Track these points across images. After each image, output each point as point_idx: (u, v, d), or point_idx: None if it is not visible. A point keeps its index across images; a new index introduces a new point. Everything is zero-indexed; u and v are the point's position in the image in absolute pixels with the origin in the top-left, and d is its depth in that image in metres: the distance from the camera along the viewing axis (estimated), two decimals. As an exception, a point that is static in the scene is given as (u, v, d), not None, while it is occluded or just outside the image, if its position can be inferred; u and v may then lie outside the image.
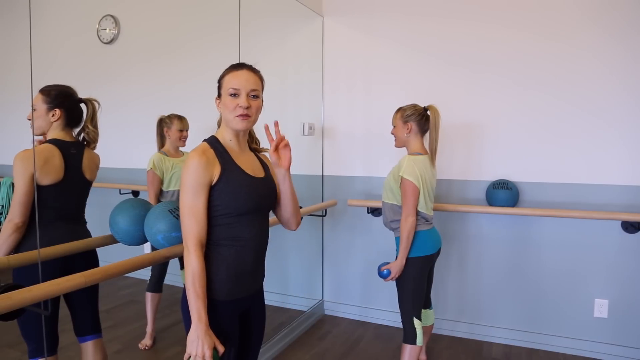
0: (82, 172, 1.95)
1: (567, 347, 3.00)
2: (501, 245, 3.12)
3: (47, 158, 1.81)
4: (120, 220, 1.89)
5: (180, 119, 2.88)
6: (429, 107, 2.37)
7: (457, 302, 3.28)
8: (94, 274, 1.52)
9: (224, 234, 1.49)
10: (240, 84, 1.49)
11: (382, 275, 2.35)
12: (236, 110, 1.48)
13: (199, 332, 1.35)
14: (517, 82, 2.99)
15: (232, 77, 1.50)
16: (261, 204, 1.57)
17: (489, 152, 3.10)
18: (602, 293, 2.90)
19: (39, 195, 1.81)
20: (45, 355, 1.83)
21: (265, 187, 1.59)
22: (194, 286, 1.38)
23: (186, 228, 1.42)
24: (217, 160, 1.47)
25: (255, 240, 1.55)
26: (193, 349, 1.36)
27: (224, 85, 1.52)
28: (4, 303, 1.24)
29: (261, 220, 1.59)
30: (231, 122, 1.50)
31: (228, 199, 1.47)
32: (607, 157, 2.82)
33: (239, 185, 1.48)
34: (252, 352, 1.74)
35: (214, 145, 1.51)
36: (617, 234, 2.83)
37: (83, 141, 1.99)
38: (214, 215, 1.48)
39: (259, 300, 1.70)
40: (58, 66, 3.36)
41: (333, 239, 3.66)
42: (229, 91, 1.49)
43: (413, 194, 2.26)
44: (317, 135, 3.59)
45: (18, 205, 1.73)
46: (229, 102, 1.49)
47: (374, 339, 3.25)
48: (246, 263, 1.53)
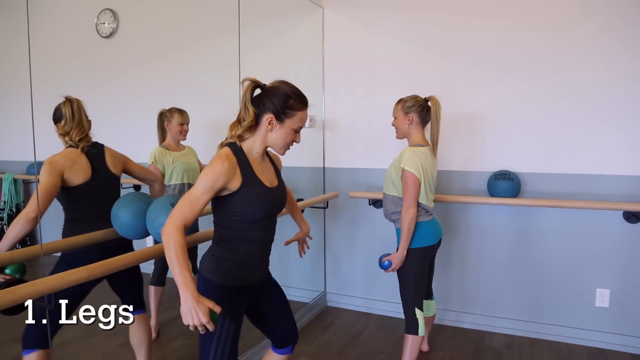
0: (108, 168, 2.07)
1: (568, 337, 3.01)
2: (503, 236, 3.12)
3: (74, 159, 1.94)
4: (122, 214, 1.91)
5: (181, 113, 2.88)
6: (429, 98, 2.36)
7: (458, 293, 3.29)
8: (96, 267, 1.53)
9: (235, 235, 1.59)
10: (304, 123, 1.61)
11: (383, 266, 2.36)
12: (290, 144, 1.62)
13: (189, 302, 1.33)
14: (518, 72, 2.97)
15: (304, 116, 1.59)
16: (273, 212, 1.67)
17: (491, 142, 3.09)
18: (603, 283, 2.91)
19: (71, 196, 1.94)
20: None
21: (277, 196, 1.68)
22: (178, 258, 1.37)
23: (179, 210, 1.44)
24: (238, 170, 1.52)
25: (264, 239, 1.66)
26: (189, 320, 1.34)
27: (293, 117, 1.56)
28: (7, 298, 1.25)
29: (271, 223, 1.69)
30: (278, 148, 1.61)
31: (245, 209, 1.54)
32: (609, 147, 2.81)
33: (257, 197, 1.55)
34: (287, 322, 1.89)
35: (237, 154, 1.55)
36: (619, 224, 2.83)
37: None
38: (229, 218, 1.57)
39: (270, 282, 1.84)
40: (57, 61, 3.36)
41: (335, 230, 3.66)
42: (297, 127, 1.58)
43: (414, 186, 2.26)
44: (318, 127, 3.58)
45: (37, 200, 1.78)
46: (290, 135, 1.58)
47: (377, 329, 3.27)
48: (254, 257, 1.64)
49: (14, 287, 1.29)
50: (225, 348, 1.60)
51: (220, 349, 1.59)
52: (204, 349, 1.60)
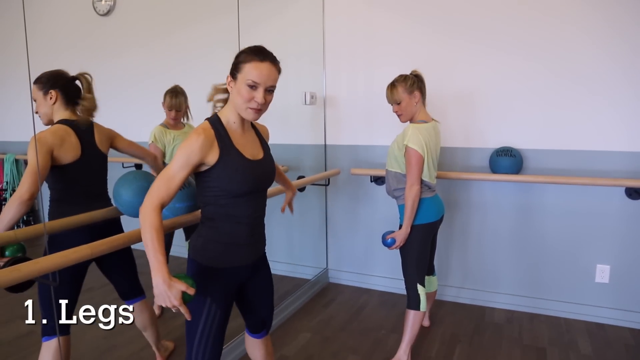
0: (97, 147, 1.97)
1: (568, 312, 3.04)
2: (504, 212, 3.12)
3: (62, 137, 1.83)
4: (124, 193, 1.91)
5: (172, 97, 2.81)
6: (415, 72, 2.36)
7: (460, 269, 3.32)
8: (100, 245, 1.54)
9: (219, 212, 1.53)
10: (261, 79, 1.44)
11: (386, 244, 2.37)
12: (250, 103, 1.46)
13: (160, 287, 1.32)
14: (520, 48, 2.92)
15: (254, 68, 1.43)
16: (258, 185, 1.58)
17: (493, 119, 3.07)
18: (604, 259, 2.92)
19: (61, 175, 1.85)
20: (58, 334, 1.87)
21: (263, 168, 1.59)
22: (153, 240, 1.35)
23: (156, 189, 1.41)
24: (216, 144, 1.46)
25: (251, 217, 1.58)
26: (162, 302, 1.34)
27: (243, 71, 1.44)
28: (12, 275, 1.26)
29: (258, 199, 1.61)
30: (242, 111, 1.48)
31: (224, 183, 1.48)
32: (611, 123, 2.79)
33: (236, 170, 1.48)
34: (265, 312, 1.85)
35: (215, 126, 1.49)
36: (621, 201, 2.82)
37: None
38: (210, 195, 1.51)
39: (263, 266, 1.77)
40: (54, 40, 3.32)
41: (336, 207, 3.67)
42: (248, 82, 1.43)
43: (417, 163, 2.25)
44: (319, 104, 3.56)
45: (28, 180, 1.71)
46: (245, 92, 1.44)
47: (378, 305, 3.31)
48: (241, 237, 1.57)
49: (19, 265, 1.30)
50: (211, 333, 1.58)
51: (206, 333, 1.57)
52: (190, 333, 1.59)
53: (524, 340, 2.76)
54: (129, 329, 2.69)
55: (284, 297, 3.17)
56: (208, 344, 1.59)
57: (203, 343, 1.58)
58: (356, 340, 2.78)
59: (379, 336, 2.84)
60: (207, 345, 1.59)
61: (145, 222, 1.37)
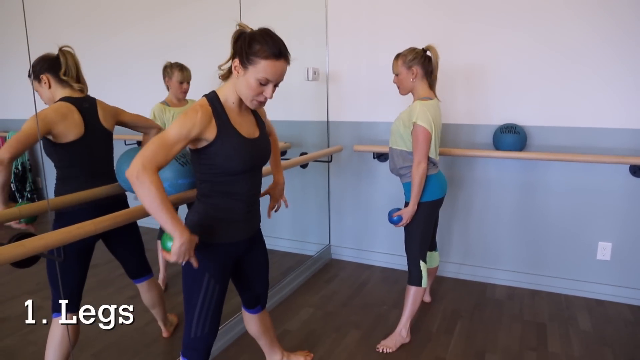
0: (101, 124, 1.95)
1: (568, 289, 3.06)
2: (507, 189, 3.12)
3: (64, 113, 1.81)
4: (126, 169, 1.90)
5: (182, 70, 2.78)
6: (428, 47, 2.30)
7: (462, 245, 3.34)
8: (103, 221, 1.55)
9: (216, 189, 1.54)
10: (274, 77, 1.43)
11: (393, 221, 2.37)
12: (258, 97, 1.46)
13: (186, 244, 1.36)
14: (525, 25, 2.87)
15: (269, 67, 1.40)
16: (254, 164, 1.59)
17: (497, 95, 3.03)
18: (606, 236, 2.93)
19: (65, 153, 1.84)
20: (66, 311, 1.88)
21: (259, 147, 1.60)
22: (163, 199, 1.31)
23: (152, 152, 1.33)
24: (213, 121, 1.45)
25: (247, 194, 1.60)
26: (179, 258, 1.38)
27: (256, 66, 1.40)
28: (17, 251, 1.27)
29: (254, 176, 1.63)
30: (247, 101, 1.48)
31: (222, 161, 1.48)
32: (617, 99, 2.75)
33: (233, 148, 1.48)
34: (260, 287, 1.91)
35: (213, 104, 1.48)
36: (624, 178, 2.81)
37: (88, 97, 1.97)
38: (207, 172, 1.52)
39: (259, 242, 1.82)
40: (53, 17, 3.27)
41: (339, 184, 3.67)
42: (260, 79, 1.41)
43: (425, 140, 2.24)
44: (321, 80, 3.52)
45: (11, 143, 1.65)
46: (255, 87, 1.43)
47: (380, 281, 3.34)
48: (238, 213, 1.60)
49: (24, 240, 1.31)
50: (210, 307, 1.61)
51: (205, 308, 1.60)
52: (189, 308, 1.61)
53: (525, 315, 2.79)
54: (135, 303, 2.73)
55: (287, 273, 3.20)
56: (207, 319, 1.62)
57: (202, 318, 1.61)
58: (358, 316, 2.82)
59: (380, 311, 2.87)
60: (206, 319, 1.62)
61: (148, 183, 1.29)
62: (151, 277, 2.26)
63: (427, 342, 2.51)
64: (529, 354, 2.39)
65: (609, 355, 2.38)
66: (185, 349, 1.66)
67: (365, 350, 2.44)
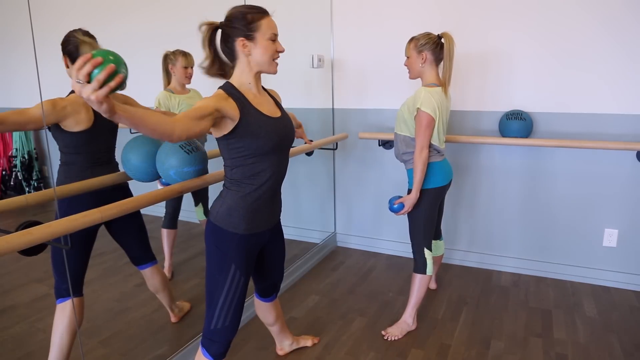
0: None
1: (574, 275, 3.06)
2: (513, 176, 3.10)
3: (77, 109, 1.82)
4: (132, 158, 1.91)
5: (185, 56, 2.80)
6: (443, 35, 2.27)
7: (467, 233, 3.33)
8: (109, 209, 1.55)
9: (247, 174, 1.56)
10: (276, 29, 1.54)
11: (393, 209, 2.36)
12: (275, 55, 1.54)
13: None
14: (531, 10, 2.83)
15: (269, 22, 1.51)
16: (281, 142, 1.60)
17: (504, 82, 3.00)
18: (612, 223, 2.92)
19: (70, 141, 1.86)
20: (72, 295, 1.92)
21: (282, 125, 1.62)
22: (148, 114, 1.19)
23: (187, 120, 1.29)
24: (232, 101, 1.47)
25: (273, 178, 1.61)
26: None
27: (261, 29, 1.49)
28: (25, 239, 1.28)
29: (281, 159, 1.64)
30: (268, 66, 1.55)
31: (250, 141, 1.50)
32: (623, 85, 2.72)
33: (259, 126, 1.51)
34: (277, 275, 1.94)
35: (230, 92, 1.51)
36: (631, 165, 2.79)
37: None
38: (237, 156, 1.53)
39: (278, 231, 1.85)
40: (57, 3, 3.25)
41: (344, 172, 3.67)
42: (270, 36, 1.51)
43: (428, 126, 2.22)
44: (326, 67, 3.50)
45: (10, 115, 1.64)
46: (269, 46, 1.51)
47: (386, 269, 3.35)
48: (264, 200, 1.61)
49: (31, 228, 1.32)
50: (234, 299, 1.61)
51: (229, 299, 1.60)
52: (211, 299, 1.61)
53: (530, 302, 2.80)
54: (142, 291, 2.77)
55: (293, 261, 3.21)
56: (230, 310, 1.62)
57: (225, 309, 1.61)
58: (363, 303, 2.83)
59: (386, 299, 2.88)
60: (229, 311, 1.62)
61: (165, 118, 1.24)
62: (155, 264, 2.28)
63: (433, 329, 2.52)
64: (535, 340, 2.40)
65: (614, 341, 2.38)
66: (204, 338, 1.67)
67: (371, 337, 2.46)
